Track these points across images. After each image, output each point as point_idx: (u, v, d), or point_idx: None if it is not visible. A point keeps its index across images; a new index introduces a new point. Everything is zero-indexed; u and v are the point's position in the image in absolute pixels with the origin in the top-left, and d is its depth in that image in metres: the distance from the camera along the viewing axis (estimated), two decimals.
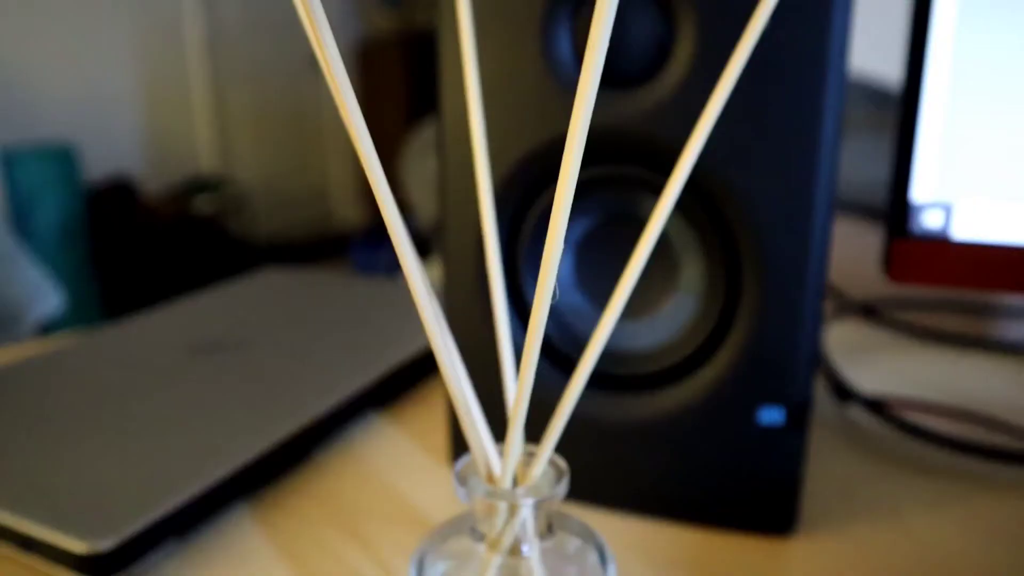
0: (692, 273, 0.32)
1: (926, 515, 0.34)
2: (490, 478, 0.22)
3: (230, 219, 2.67)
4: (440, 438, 0.41)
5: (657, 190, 0.30)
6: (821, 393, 0.46)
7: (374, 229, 2.66)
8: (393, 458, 0.40)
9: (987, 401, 0.45)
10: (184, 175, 2.71)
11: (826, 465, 0.38)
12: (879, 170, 0.75)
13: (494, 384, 0.30)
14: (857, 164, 0.84)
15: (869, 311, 0.58)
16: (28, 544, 0.31)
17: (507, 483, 0.22)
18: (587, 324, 0.33)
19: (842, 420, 0.43)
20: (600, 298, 0.33)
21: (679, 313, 0.32)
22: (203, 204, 2.58)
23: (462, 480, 0.22)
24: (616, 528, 0.34)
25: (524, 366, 0.19)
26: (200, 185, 2.65)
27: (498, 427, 0.25)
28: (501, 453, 0.23)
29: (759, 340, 0.30)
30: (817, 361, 0.32)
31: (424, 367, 0.48)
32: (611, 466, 0.34)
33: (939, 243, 0.41)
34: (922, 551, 0.32)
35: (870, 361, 0.51)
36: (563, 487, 0.22)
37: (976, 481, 0.37)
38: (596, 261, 0.33)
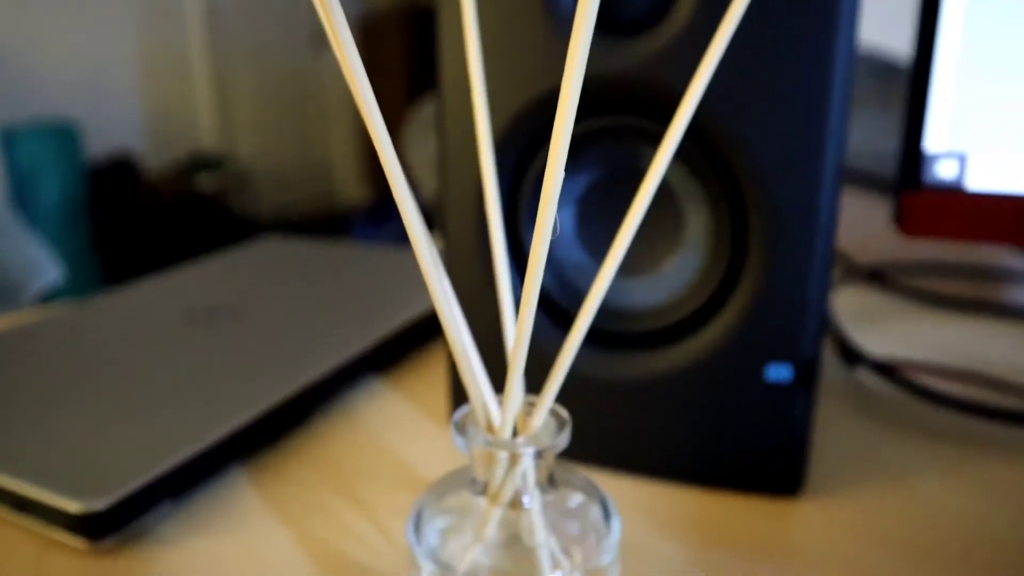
0: (698, 228, 0.31)
1: (934, 477, 0.34)
2: (490, 428, 0.22)
3: (232, 197, 2.66)
4: (440, 403, 0.41)
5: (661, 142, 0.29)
6: (828, 357, 0.45)
7: (376, 207, 2.65)
8: (392, 422, 0.39)
9: (995, 364, 0.44)
10: (185, 153, 2.70)
11: (834, 428, 0.38)
12: (886, 143, 0.74)
13: (495, 341, 0.29)
14: (863, 137, 0.83)
15: (876, 276, 0.57)
16: (22, 505, 0.30)
17: (507, 432, 0.22)
18: (589, 281, 0.33)
19: (850, 384, 0.42)
20: (602, 254, 0.32)
21: (685, 269, 0.31)
22: (205, 182, 2.57)
23: (460, 430, 0.22)
24: (619, 488, 0.33)
25: (524, 302, 0.18)
26: (201, 163, 2.64)
27: (498, 383, 0.25)
28: (501, 404, 0.22)
29: (767, 295, 0.30)
30: (825, 321, 0.31)
31: (424, 332, 0.47)
32: (615, 426, 0.33)
33: (953, 194, 0.40)
34: (930, 513, 0.31)
35: (877, 326, 0.50)
36: (564, 437, 0.21)
37: (984, 443, 0.36)
38: (599, 216, 0.32)
